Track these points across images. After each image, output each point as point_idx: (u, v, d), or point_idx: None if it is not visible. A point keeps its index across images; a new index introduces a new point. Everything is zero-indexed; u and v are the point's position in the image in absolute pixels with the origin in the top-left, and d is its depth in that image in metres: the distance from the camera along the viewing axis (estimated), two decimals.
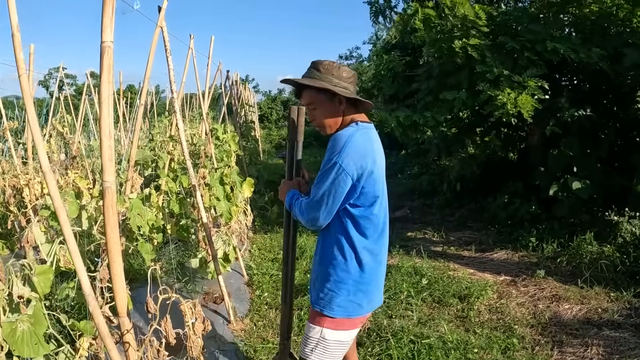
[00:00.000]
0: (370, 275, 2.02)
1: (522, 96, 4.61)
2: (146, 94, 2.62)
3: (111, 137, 1.91)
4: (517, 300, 4.42)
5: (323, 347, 2.05)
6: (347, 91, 1.96)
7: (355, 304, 2.01)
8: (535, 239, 5.75)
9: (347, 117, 2.02)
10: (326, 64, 1.96)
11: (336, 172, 1.86)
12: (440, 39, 5.02)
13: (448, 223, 7.16)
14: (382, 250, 2.08)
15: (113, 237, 2.06)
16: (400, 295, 4.19)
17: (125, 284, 3.42)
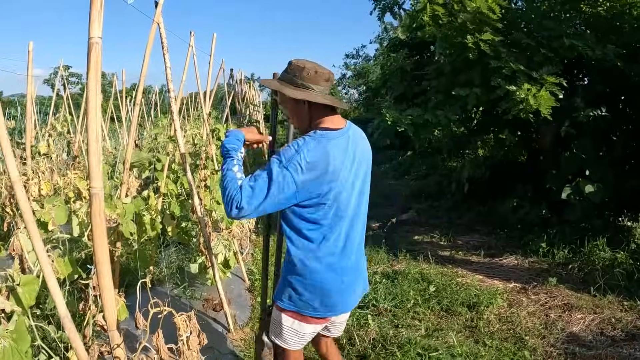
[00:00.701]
0: (321, 280, 2.03)
1: (541, 92, 4.44)
2: (142, 93, 2.48)
3: (99, 140, 1.78)
4: (527, 309, 4.26)
5: (280, 330, 2.15)
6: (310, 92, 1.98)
7: (305, 303, 2.06)
8: (546, 244, 5.58)
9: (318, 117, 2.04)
10: (294, 64, 2.01)
11: (277, 172, 1.86)
12: (450, 34, 4.86)
13: (456, 226, 6.99)
14: (338, 259, 2.05)
15: (101, 246, 1.93)
16: (407, 304, 4.05)
17: (121, 291, 3.29)
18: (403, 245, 5.91)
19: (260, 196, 1.86)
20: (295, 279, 2.05)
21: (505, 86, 4.70)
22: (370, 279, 4.59)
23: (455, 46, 4.95)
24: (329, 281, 2.04)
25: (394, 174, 11.90)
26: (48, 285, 1.42)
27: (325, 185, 1.93)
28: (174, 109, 2.43)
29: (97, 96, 1.79)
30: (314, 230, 2.01)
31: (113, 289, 1.99)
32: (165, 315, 2.09)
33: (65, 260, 2.28)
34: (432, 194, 8.77)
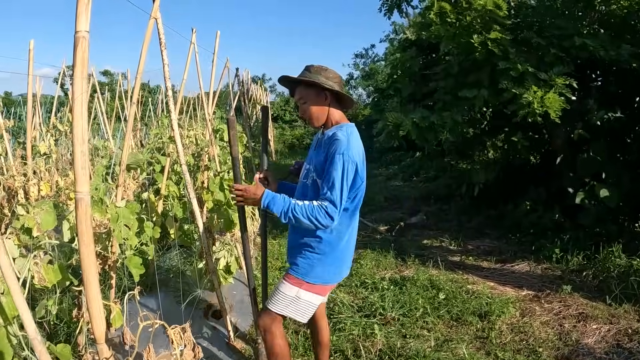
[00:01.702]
0: (345, 249, 2.43)
1: (549, 95, 4.28)
2: (139, 91, 2.36)
3: (85, 142, 1.65)
4: (541, 319, 4.08)
5: (296, 305, 2.37)
6: (332, 88, 2.30)
7: (332, 273, 2.41)
8: (560, 250, 5.40)
9: (333, 113, 2.38)
10: (316, 67, 2.35)
11: (348, 163, 2.18)
12: (458, 33, 4.69)
13: (465, 230, 6.81)
14: (356, 227, 2.49)
15: (88, 255, 1.80)
16: (415, 312, 3.89)
17: (117, 296, 3.16)
18: (412, 249, 5.75)
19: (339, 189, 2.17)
20: (328, 253, 2.35)
21: (512, 89, 4.54)
22: (378, 285, 4.45)
23: (463, 46, 4.79)
24: (350, 247, 2.50)
25: (402, 176, 11.71)
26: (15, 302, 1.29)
27: (363, 168, 2.30)
28: (172, 109, 2.30)
29: (84, 94, 1.66)
30: (352, 208, 2.36)
31: (101, 300, 1.86)
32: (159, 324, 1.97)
33: (55, 266, 2.16)
34: (441, 197, 8.59)
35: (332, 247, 2.36)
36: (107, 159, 4.12)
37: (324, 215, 2.17)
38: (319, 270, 2.36)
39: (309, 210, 2.18)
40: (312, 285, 2.37)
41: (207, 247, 2.77)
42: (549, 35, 4.82)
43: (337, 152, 2.18)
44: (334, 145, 2.21)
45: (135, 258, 2.43)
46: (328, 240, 2.35)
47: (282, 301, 2.39)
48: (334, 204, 2.17)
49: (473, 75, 5.00)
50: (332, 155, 2.19)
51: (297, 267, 2.38)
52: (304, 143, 20.82)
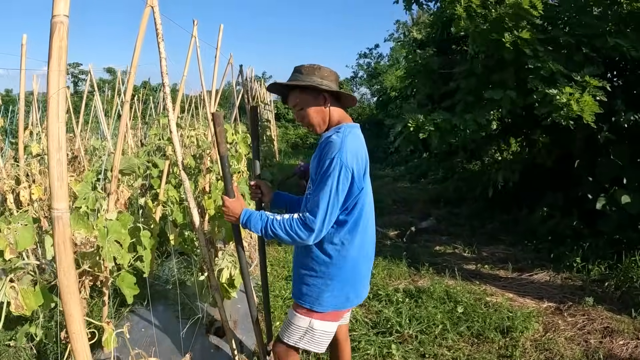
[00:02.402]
0: (356, 269, 2.12)
1: (585, 97, 3.99)
2: (132, 88, 2.08)
3: (62, 149, 1.36)
4: (565, 334, 3.81)
5: (311, 336, 2.14)
6: (330, 87, 2.05)
7: (343, 297, 2.12)
8: (580, 259, 5.12)
9: (334, 114, 2.11)
10: (307, 67, 2.08)
11: (339, 170, 1.90)
12: (485, 30, 4.39)
13: (479, 236, 6.53)
14: (367, 243, 2.15)
15: (68, 283, 1.52)
16: (434, 329, 3.61)
17: (110, 316, 2.87)
18: (425, 257, 5.48)
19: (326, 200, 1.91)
20: (333, 276, 2.08)
21: (544, 89, 4.25)
22: (392, 298, 4.17)
23: (490, 43, 4.48)
24: (362, 268, 2.17)
25: (410, 177, 11.43)
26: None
27: (362, 174, 2.02)
28: (169, 107, 2.02)
29: (61, 90, 1.37)
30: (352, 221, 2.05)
31: (85, 336, 1.58)
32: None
33: (37, 289, 1.88)
34: (451, 200, 8.31)
35: (337, 269, 2.09)
36: (98, 163, 3.84)
37: (301, 228, 1.93)
38: (327, 296, 2.11)
39: (287, 225, 1.96)
40: (323, 314, 2.13)
41: (209, 262, 2.49)
42: (579, 33, 4.53)
43: (328, 157, 1.93)
44: (326, 148, 1.97)
45: (128, 276, 2.15)
46: (331, 262, 2.09)
47: (295, 333, 2.18)
48: (314, 214, 1.91)
49: (497, 75, 4.70)
50: (324, 159, 1.94)
51: (304, 296, 2.15)
52: (308, 142, 20.58)
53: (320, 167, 1.95)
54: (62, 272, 1.45)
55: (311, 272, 2.12)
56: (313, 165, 2.08)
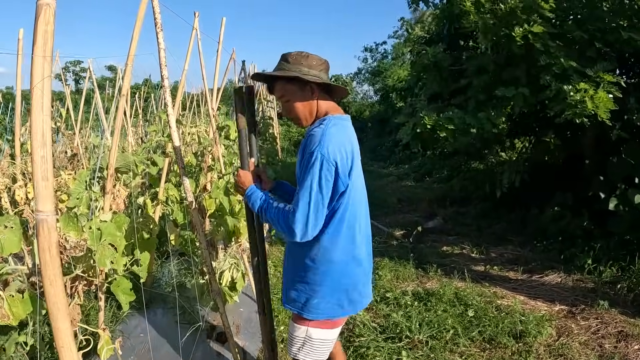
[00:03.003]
0: (345, 274, 1.95)
1: (599, 93, 3.83)
2: (129, 81, 1.94)
3: (47, 145, 1.23)
4: (579, 339, 3.68)
5: (309, 346, 2.02)
6: (318, 78, 1.89)
7: (335, 305, 1.96)
8: (592, 260, 4.97)
9: (322, 106, 1.95)
10: (294, 55, 1.91)
11: (320, 164, 1.75)
12: (495, 25, 4.24)
13: (486, 236, 6.39)
14: (357, 245, 1.98)
15: (55, 292, 1.39)
16: (445, 334, 3.46)
17: (106, 322, 2.73)
18: (432, 258, 5.34)
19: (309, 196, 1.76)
20: (320, 282, 1.93)
21: (557, 86, 4.10)
22: (401, 301, 4.03)
23: (500, 38, 4.32)
24: (354, 273, 1.99)
25: (414, 176, 11.27)
26: None
27: (349, 169, 1.85)
28: (168, 101, 1.88)
29: (46, 80, 1.24)
30: (335, 221, 1.89)
31: (74, 348, 1.44)
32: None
33: (25, 296, 1.75)
34: (457, 199, 8.16)
35: (322, 275, 1.93)
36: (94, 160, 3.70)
37: (287, 223, 1.81)
38: (316, 303, 1.96)
39: (280, 215, 1.85)
40: (318, 321, 1.99)
41: (210, 267, 2.36)
42: (592, 28, 4.38)
43: (308, 150, 1.79)
44: (308, 142, 1.83)
45: (124, 281, 2.01)
46: (314, 267, 1.93)
47: (295, 344, 2.07)
48: (294, 213, 1.78)
49: (509, 72, 4.54)
50: (305, 154, 1.81)
51: (292, 302, 2.03)
52: None
53: (302, 163, 1.83)
54: (47, 281, 1.32)
55: (296, 277, 2.00)
56: (297, 160, 1.94)
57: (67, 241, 1.64)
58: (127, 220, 1.97)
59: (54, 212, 1.27)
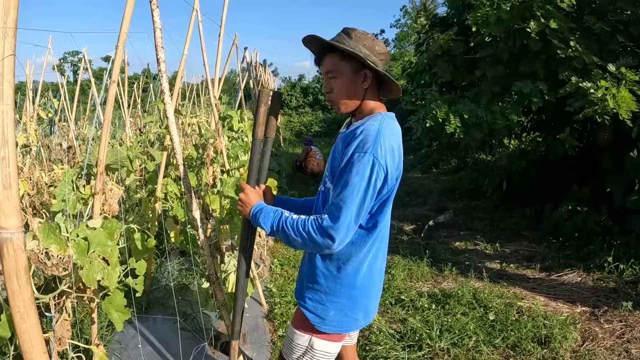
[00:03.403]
0: (367, 285, 1.79)
1: (621, 91, 3.57)
2: (119, 65, 1.67)
3: (8, 143, 0.96)
4: (604, 344, 3.47)
5: (311, 356, 1.84)
6: (376, 66, 1.66)
7: (351, 318, 1.79)
8: (612, 259, 4.74)
9: (369, 100, 1.72)
10: (359, 32, 1.68)
11: (371, 167, 1.54)
12: (506, 19, 3.95)
13: (499, 231, 6.15)
14: (383, 254, 1.85)
15: (27, 329, 1.14)
16: (467, 341, 3.22)
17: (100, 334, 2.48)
18: (446, 254, 5.11)
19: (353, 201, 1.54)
20: (341, 294, 1.75)
21: (577, 82, 3.83)
22: (417, 304, 3.79)
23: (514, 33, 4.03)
24: (376, 285, 1.86)
25: (421, 167, 11.01)
26: None
27: (397, 172, 1.68)
28: (164, 88, 1.62)
29: (7, 60, 0.97)
30: (375, 231, 1.71)
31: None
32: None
33: (2, 318, 1.50)
34: (467, 192, 7.91)
35: (349, 287, 1.75)
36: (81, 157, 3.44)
37: (317, 233, 1.56)
38: (334, 315, 1.77)
39: (300, 225, 1.61)
40: (326, 334, 1.81)
41: (214, 275, 2.10)
42: (612, 19, 4.10)
43: (359, 150, 1.56)
44: (358, 139, 1.59)
45: (118, 297, 1.75)
46: (339, 277, 1.74)
47: (295, 351, 1.87)
48: (336, 219, 1.54)
49: (526, 64, 4.25)
50: (352, 153, 1.58)
51: (307, 311, 1.80)
52: (312, 130, 20.16)
53: (346, 163, 1.58)
54: (17, 315, 1.06)
55: (315, 285, 1.79)
56: (335, 157, 1.72)
57: (48, 257, 1.38)
58: (120, 227, 1.71)
59: (20, 227, 1.01)
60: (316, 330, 1.79)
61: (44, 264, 1.39)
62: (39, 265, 1.39)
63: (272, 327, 3.39)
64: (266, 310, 3.60)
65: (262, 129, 1.78)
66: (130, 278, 1.83)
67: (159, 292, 3.48)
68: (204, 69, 2.87)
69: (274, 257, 4.82)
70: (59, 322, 1.79)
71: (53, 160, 5.47)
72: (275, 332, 3.31)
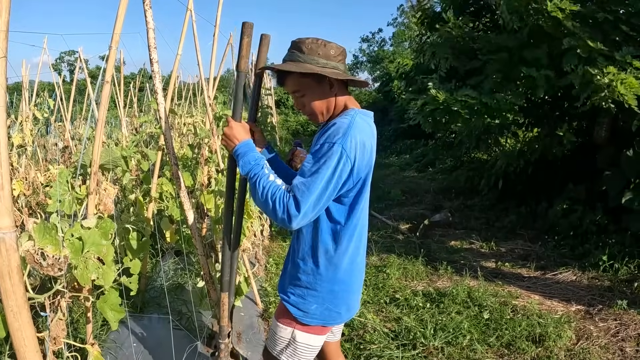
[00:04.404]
0: (348, 281, 1.81)
1: (629, 78, 3.58)
2: (113, 65, 1.68)
3: (0, 144, 0.97)
4: (599, 342, 3.49)
5: (293, 349, 1.85)
6: (338, 71, 1.69)
7: (333, 312, 1.81)
8: (607, 257, 4.76)
9: (340, 100, 1.76)
10: (309, 43, 1.68)
11: (339, 157, 1.57)
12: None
13: (495, 230, 6.17)
14: (362, 249, 1.86)
15: (20, 327, 1.15)
16: (461, 340, 3.23)
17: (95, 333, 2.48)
18: (441, 253, 5.12)
19: (316, 188, 1.55)
20: (322, 288, 1.77)
21: (582, 70, 3.84)
22: (411, 302, 3.80)
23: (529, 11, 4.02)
24: (357, 279, 1.88)
25: (416, 166, 11.02)
26: None
27: (367, 167, 1.70)
28: (158, 88, 1.63)
29: (0, 62, 0.98)
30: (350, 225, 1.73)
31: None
32: None
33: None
34: (463, 191, 7.93)
35: (329, 281, 1.76)
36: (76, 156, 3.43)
37: (282, 205, 1.56)
38: (316, 308, 1.78)
39: (271, 191, 1.59)
40: (308, 327, 1.82)
41: (207, 275, 2.11)
42: (615, 9, 4.12)
43: (329, 140, 1.59)
44: (329, 131, 1.62)
45: (112, 296, 1.76)
46: (318, 272, 1.75)
47: (278, 344, 1.88)
48: (297, 201, 1.55)
49: (530, 51, 4.24)
50: (322, 143, 1.60)
51: (289, 305, 1.82)
52: (309, 130, 20.18)
53: (315, 151, 1.62)
54: (10, 313, 1.07)
55: (296, 281, 1.81)
56: (311, 150, 1.72)
57: (44, 257, 1.39)
58: (114, 227, 1.72)
59: (13, 227, 1.02)
60: (299, 323, 1.80)
61: (39, 264, 1.39)
62: (34, 265, 1.39)
63: (267, 326, 3.40)
64: (261, 310, 3.61)
65: (245, 61, 1.75)
66: (125, 277, 1.84)
67: (155, 292, 3.49)
68: (199, 68, 2.87)
69: (269, 256, 4.83)
70: (54, 322, 1.80)
71: (49, 160, 5.47)
72: (269, 330, 3.32)
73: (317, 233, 1.73)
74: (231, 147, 1.73)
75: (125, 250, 2.40)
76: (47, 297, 1.62)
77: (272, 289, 3.97)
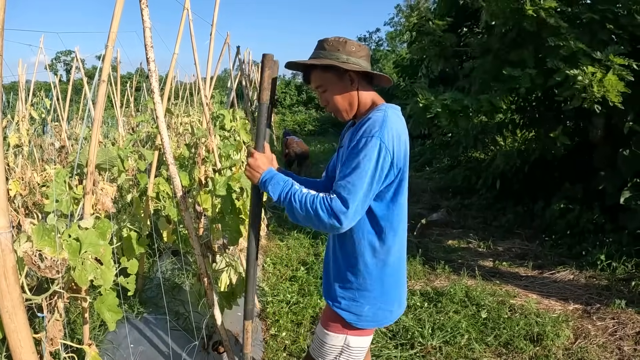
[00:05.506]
0: (396, 276, 1.82)
1: (608, 76, 3.59)
2: (109, 64, 1.67)
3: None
4: (597, 341, 3.49)
5: (347, 355, 1.83)
6: (358, 66, 1.72)
7: (386, 311, 1.81)
8: (605, 256, 4.77)
9: (365, 96, 1.78)
10: (331, 40, 1.75)
11: (379, 150, 1.57)
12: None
13: (493, 229, 6.17)
14: (403, 244, 1.85)
15: (16, 329, 1.13)
16: (459, 339, 3.23)
17: (93, 334, 2.48)
18: (438, 253, 5.11)
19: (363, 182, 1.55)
20: (373, 288, 1.76)
21: (564, 70, 3.85)
22: (409, 302, 3.81)
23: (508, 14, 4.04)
24: (403, 274, 1.88)
25: (414, 165, 11.02)
26: None
27: (404, 159, 1.69)
28: (154, 87, 1.62)
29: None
30: (394, 220, 1.72)
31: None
32: None
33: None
34: (460, 190, 7.92)
35: (379, 280, 1.76)
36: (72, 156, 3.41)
37: (325, 211, 1.55)
38: (369, 310, 1.77)
39: (309, 200, 1.59)
40: (361, 330, 1.81)
41: (205, 274, 2.10)
42: (602, 8, 4.12)
43: (367, 135, 1.59)
44: (365, 126, 1.63)
45: (110, 296, 1.75)
46: (370, 272, 1.74)
47: (330, 353, 1.84)
48: (344, 199, 1.54)
49: (515, 53, 4.27)
50: (359, 138, 1.61)
51: (342, 311, 1.79)
52: (306, 129, 20.13)
53: (353, 146, 1.61)
54: (6, 314, 1.06)
55: (345, 284, 1.80)
56: (341, 152, 1.79)
57: (42, 259, 1.38)
58: (112, 227, 1.71)
59: (8, 227, 1.01)
60: (352, 328, 1.79)
61: (37, 266, 1.38)
62: (32, 267, 1.38)
63: (264, 326, 3.40)
64: (258, 309, 3.60)
65: (267, 93, 1.79)
66: (122, 277, 1.83)
67: (152, 292, 3.48)
68: (195, 68, 2.86)
69: (266, 256, 4.82)
70: (51, 322, 1.79)
71: (46, 160, 5.45)
72: (267, 331, 3.32)
73: (361, 231, 1.72)
74: (257, 178, 1.76)
75: (122, 250, 2.39)
76: (44, 298, 1.62)
77: (269, 289, 3.97)
